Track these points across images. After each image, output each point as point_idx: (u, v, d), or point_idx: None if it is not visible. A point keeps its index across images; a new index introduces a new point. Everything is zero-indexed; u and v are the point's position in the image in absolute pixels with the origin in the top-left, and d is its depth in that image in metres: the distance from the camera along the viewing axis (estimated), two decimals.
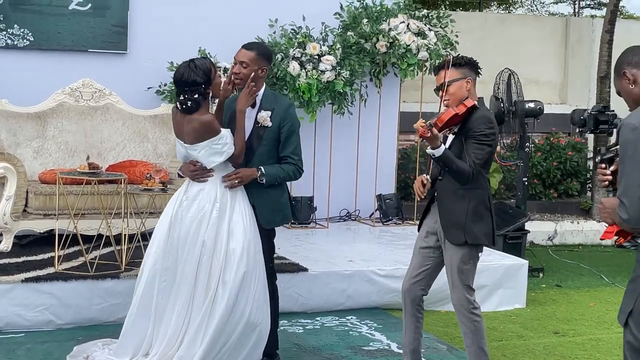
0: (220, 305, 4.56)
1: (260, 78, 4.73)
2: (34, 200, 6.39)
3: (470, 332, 4.63)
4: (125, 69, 7.60)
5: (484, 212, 4.60)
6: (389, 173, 8.62)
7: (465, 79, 4.59)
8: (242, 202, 4.70)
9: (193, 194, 4.69)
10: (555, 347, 5.85)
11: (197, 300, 4.62)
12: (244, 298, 4.61)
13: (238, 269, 4.57)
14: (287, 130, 4.74)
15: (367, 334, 5.88)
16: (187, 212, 4.67)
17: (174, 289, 4.68)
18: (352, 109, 8.04)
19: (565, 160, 10.22)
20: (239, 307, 4.59)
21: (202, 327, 4.58)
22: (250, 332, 4.67)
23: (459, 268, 4.57)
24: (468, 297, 4.60)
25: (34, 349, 5.23)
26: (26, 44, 7.37)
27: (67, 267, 5.92)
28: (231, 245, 4.59)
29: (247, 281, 4.60)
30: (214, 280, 4.59)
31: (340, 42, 7.87)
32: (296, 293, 6.22)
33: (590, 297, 7.28)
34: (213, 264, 4.59)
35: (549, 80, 10.89)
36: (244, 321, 4.62)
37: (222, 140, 4.60)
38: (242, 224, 4.63)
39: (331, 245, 7.22)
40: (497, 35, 10.51)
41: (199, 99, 4.58)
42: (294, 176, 4.80)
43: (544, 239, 9.67)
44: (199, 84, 4.56)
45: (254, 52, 4.69)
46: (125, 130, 7.23)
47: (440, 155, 4.40)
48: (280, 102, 4.80)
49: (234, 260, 4.58)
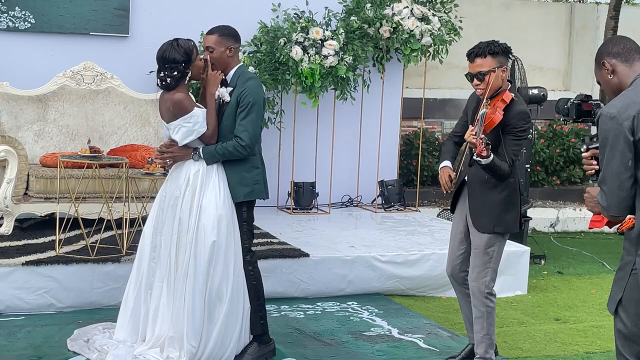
0: (196, 281, 4.61)
1: (230, 57, 4.78)
2: (35, 184, 6.37)
3: (481, 317, 4.70)
4: (127, 53, 7.57)
5: (515, 200, 4.67)
6: (392, 159, 8.60)
7: (502, 67, 4.56)
8: (217, 178, 4.72)
9: (176, 173, 4.78)
10: (556, 334, 5.84)
11: (176, 278, 4.68)
12: (219, 274, 4.62)
13: (206, 243, 4.61)
14: (241, 104, 4.71)
15: (368, 319, 5.87)
16: (169, 190, 4.76)
17: (158, 268, 4.73)
18: (355, 95, 8.01)
19: (568, 148, 10.19)
20: (214, 283, 4.62)
21: (182, 305, 4.62)
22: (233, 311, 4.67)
23: (484, 251, 4.65)
24: (486, 281, 4.67)
25: (34, 332, 5.24)
26: (27, 27, 7.33)
27: (68, 250, 5.92)
28: (202, 221, 4.64)
29: (219, 257, 4.62)
30: (185, 255, 4.64)
31: (343, 27, 7.83)
32: (297, 278, 6.22)
33: (592, 284, 7.27)
34: (183, 238, 4.65)
35: (553, 67, 10.85)
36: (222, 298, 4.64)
37: (193, 119, 4.65)
38: (215, 200, 4.67)
39: (333, 231, 7.21)
40: (501, 21, 10.46)
41: (177, 77, 4.65)
42: (235, 152, 4.68)
43: (546, 226, 9.65)
44: (179, 62, 4.63)
45: (215, 34, 4.77)
46: (127, 114, 7.21)
47: (488, 163, 4.43)
48: (241, 78, 4.79)
49: (203, 234, 4.63)
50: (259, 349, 4.88)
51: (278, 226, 7.18)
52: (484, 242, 4.65)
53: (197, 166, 4.70)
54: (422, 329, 5.72)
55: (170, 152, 4.75)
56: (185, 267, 4.63)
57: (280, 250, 6.28)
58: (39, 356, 4.86)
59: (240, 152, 4.69)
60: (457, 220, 4.85)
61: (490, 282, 4.69)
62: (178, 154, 4.74)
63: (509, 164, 4.51)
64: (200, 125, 4.66)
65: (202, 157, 4.70)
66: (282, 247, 6.38)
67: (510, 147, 4.53)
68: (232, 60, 4.81)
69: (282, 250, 6.29)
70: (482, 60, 4.53)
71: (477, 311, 4.72)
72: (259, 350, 4.88)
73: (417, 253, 6.54)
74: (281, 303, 6.02)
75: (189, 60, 4.66)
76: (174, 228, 4.69)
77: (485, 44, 4.57)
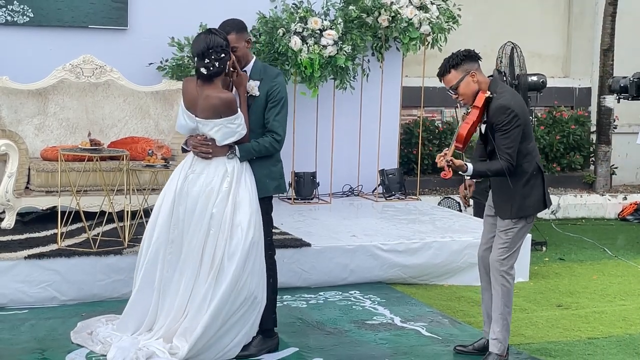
0: (227, 276, 4.60)
1: (248, 49, 4.83)
2: (36, 177, 6.38)
3: (497, 295, 4.77)
4: (126, 45, 7.56)
5: (535, 182, 4.77)
6: (392, 148, 8.60)
7: (469, 74, 4.68)
8: (248, 175, 4.73)
9: (200, 168, 4.73)
10: (558, 320, 5.85)
11: (202, 273, 4.68)
12: (249, 271, 4.64)
13: (246, 240, 4.61)
14: (273, 100, 4.74)
15: (371, 308, 5.89)
16: (194, 186, 4.70)
17: (180, 262, 4.72)
18: (354, 84, 8.00)
19: (569, 134, 10.18)
20: (242, 279, 4.63)
21: (206, 298, 4.62)
22: (253, 306, 4.69)
23: (505, 232, 4.76)
24: (504, 259, 4.76)
25: (38, 325, 5.25)
26: (26, 21, 7.33)
27: (70, 243, 5.93)
28: (238, 217, 4.64)
29: (252, 254, 4.63)
30: (219, 252, 4.63)
31: (341, 16, 7.82)
32: (299, 268, 6.23)
33: (593, 270, 7.28)
34: (219, 236, 4.63)
35: (552, 54, 10.82)
36: (248, 294, 4.65)
37: (238, 120, 4.64)
38: (248, 197, 4.68)
39: (334, 220, 7.22)
40: (500, 8, 10.43)
41: (225, 59, 4.60)
42: (272, 148, 4.74)
43: (547, 213, 9.64)
44: (223, 46, 4.59)
45: (233, 33, 4.74)
46: (127, 106, 7.21)
47: (472, 174, 4.64)
48: (268, 72, 4.82)
49: (241, 232, 4.63)
50: (263, 341, 4.90)
51: (279, 216, 7.15)
52: (505, 223, 4.78)
53: (232, 163, 4.69)
54: (425, 317, 5.74)
55: (209, 147, 4.70)
56: (218, 264, 4.61)
57: (282, 240, 6.29)
58: (43, 349, 4.87)
59: (276, 147, 4.75)
60: (488, 207, 4.98)
61: (508, 261, 4.77)
62: (216, 149, 4.70)
63: (506, 159, 4.60)
64: (242, 128, 4.66)
65: (238, 155, 4.69)
66: (284, 237, 6.39)
67: (500, 142, 4.63)
68: (250, 52, 4.85)
69: (283, 240, 6.30)
70: (448, 77, 4.72)
71: (494, 289, 4.81)
72: (264, 342, 4.90)
73: (418, 241, 6.55)
74: (283, 293, 6.03)
75: (229, 46, 4.64)
76: (204, 224, 4.65)
77: (445, 60, 4.75)
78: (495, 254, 4.79)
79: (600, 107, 10.15)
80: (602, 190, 10.08)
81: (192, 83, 4.74)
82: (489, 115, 4.67)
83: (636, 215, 9.68)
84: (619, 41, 10.03)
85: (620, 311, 6.12)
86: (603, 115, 10.11)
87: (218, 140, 4.66)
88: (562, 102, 10.59)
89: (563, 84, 10.65)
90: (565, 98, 10.66)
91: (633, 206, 9.79)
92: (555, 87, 10.25)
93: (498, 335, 4.79)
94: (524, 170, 4.72)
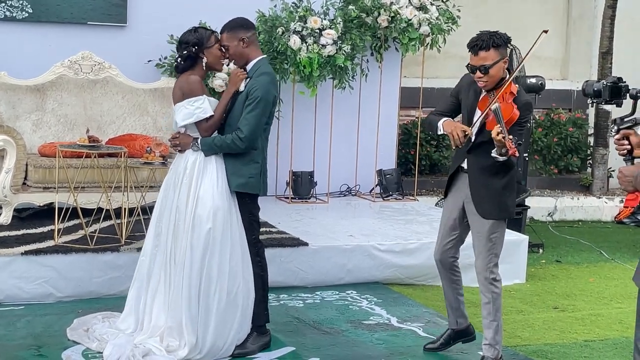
0: (192, 269, 4.62)
1: (246, 48, 4.80)
2: (34, 173, 6.37)
3: (488, 303, 4.74)
4: (125, 42, 7.55)
5: (514, 186, 4.74)
6: (390, 148, 8.60)
7: (504, 59, 4.56)
8: (215, 169, 4.73)
9: (175, 163, 4.83)
10: (554, 322, 5.86)
11: (172, 267, 4.69)
12: (215, 264, 4.63)
13: (201, 233, 4.63)
14: (249, 97, 4.72)
15: (367, 308, 5.89)
16: (169, 180, 4.80)
17: (158, 255, 4.76)
18: (353, 84, 8.00)
19: (566, 137, 10.20)
20: (209, 272, 4.63)
21: (179, 293, 4.64)
22: (234, 303, 4.68)
23: (488, 237, 4.69)
24: (492, 267, 4.71)
25: (34, 322, 5.24)
26: (25, 16, 7.31)
27: (67, 240, 5.92)
28: (198, 210, 4.65)
29: (215, 247, 4.62)
30: (182, 244, 4.65)
31: (341, 16, 7.81)
32: (296, 267, 6.23)
33: (590, 273, 7.29)
34: (181, 227, 4.67)
35: (551, 56, 10.83)
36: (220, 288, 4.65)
37: (197, 102, 4.68)
38: (211, 190, 4.68)
39: (331, 220, 7.22)
40: (500, 10, 10.44)
41: (185, 56, 4.73)
42: (233, 145, 4.68)
43: (544, 215, 9.67)
44: (189, 44, 4.72)
45: (224, 32, 4.82)
46: (125, 103, 7.21)
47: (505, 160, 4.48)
48: (258, 71, 4.79)
49: (200, 225, 4.64)
50: (258, 338, 4.90)
51: (277, 215, 7.18)
52: (487, 228, 4.68)
53: (195, 156, 4.72)
54: (421, 317, 5.74)
55: (177, 139, 4.79)
56: (182, 256, 4.65)
57: (279, 240, 6.28)
58: (39, 345, 4.87)
59: (238, 145, 4.67)
60: (451, 206, 4.87)
61: (494, 268, 4.73)
62: (182, 141, 4.77)
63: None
64: (202, 111, 4.67)
65: (200, 147, 4.70)
66: (281, 236, 6.39)
67: (515, 135, 4.51)
68: (250, 51, 4.82)
69: (280, 240, 6.30)
70: (485, 54, 4.49)
71: (484, 297, 4.76)
72: (259, 339, 4.90)
73: (415, 242, 6.56)
74: (280, 292, 6.03)
75: (201, 44, 4.72)
76: (172, 216, 4.72)
77: (487, 35, 4.53)
78: (483, 263, 4.71)
79: (598, 110, 10.16)
80: (599, 193, 10.10)
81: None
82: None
83: (633, 218, 9.70)
84: (618, 44, 10.04)
85: (616, 314, 6.13)
86: (601, 118, 10.12)
87: (177, 122, 4.73)
88: (560, 104, 10.61)
89: (561, 87, 10.66)
90: (564, 100, 10.68)
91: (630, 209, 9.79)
92: (553, 90, 10.26)
93: (491, 340, 4.77)
94: (508, 170, 4.65)
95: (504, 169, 4.62)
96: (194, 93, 4.68)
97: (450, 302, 5.01)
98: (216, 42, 4.77)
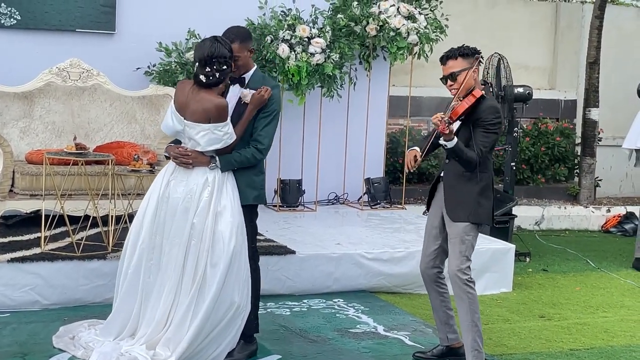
0: (211, 287, 4.57)
1: (250, 58, 4.82)
2: (21, 181, 6.35)
3: (464, 305, 4.76)
4: (113, 50, 7.54)
5: (488, 195, 4.83)
6: (378, 157, 8.62)
7: (472, 68, 4.76)
8: (230, 184, 4.70)
9: (181, 176, 4.69)
10: (540, 331, 5.87)
11: (185, 283, 4.63)
12: (232, 280, 4.62)
13: (228, 250, 4.58)
14: (265, 110, 4.73)
15: (354, 316, 5.89)
16: (175, 193, 4.67)
17: (161, 269, 4.69)
18: (342, 92, 8.01)
19: (553, 146, 10.24)
20: (227, 290, 4.60)
21: (190, 309, 4.58)
22: (236, 315, 4.68)
23: (461, 238, 4.76)
24: (464, 268, 4.76)
25: (20, 329, 5.22)
26: (13, 23, 7.30)
27: (54, 247, 5.90)
28: (219, 227, 4.60)
29: (234, 263, 4.61)
30: (202, 262, 4.59)
31: (330, 24, 7.84)
32: (284, 275, 6.22)
33: (576, 282, 7.32)
34: (201, 246, 4.60)
35: (538, 66, 10.88)
36: (231, 302, 4.63)
37: (226, 128, 4.61)
38: (230, 207, 4.64)
39: (319, 228, 7.22)
40: (487, 19, 10.49)
41: (227, 71, 4.61)
42: (253, 159, 4.72)
43: (531, 224, 9.70)
44: (227, 57, 4.57)
45: (236, 43, 4.71)
46: (113, 111, 7.20)
47: (453, 146, 4.63)
48: (267, 83, 4.81)
49: (223, 243, 4.59)
50: (245, 347, 4.90)
51: (264, 223, 7.15)
52: (459, 230, 4.78)
53: (213, 173, 4.66)
54: (408, 326, 5.74)
55: (189, 157, 4.66)
56: (201, 274, 4.57)
57: (266, 248, 6.28)
58: (24, 353, 4.84)
59: (257, 158, 4.73)
60: (432, 215, 4.99)
61: (467, 269, 4.79)
62: (197, 160, 4.67)
63: (478, 154, 4.67)
64: (229, 137, 4.62)
65: (219, 166, 4.66)
66: (269, 244, 6.39)
67: (479, 138, 4.72)
68: (251, 61, 4.85)
69: (268, 248, 6.29)
70: (453, 62, 4.77)
71: (458, 300, 4.79)
72: (246, 348, 4.90)
73: (403, 250, 6.57)
74: (267, 300, 6.03)
75: (232, 57, 4.62)
76: (185, 234, 4.61)
77: (455, 48, 4.82)
78: (455, 265, 4.77)
79: (585, 119, 10.22)
80: (586, 202, 10.14)
81: (187, 85, 4.71)
82: (477, 110, 4.72)
83: (619, 228, 9.73)
84: (605, 54, 10.10)
85: (602, 323, 6.15)
86: (588, 127, 10.17)
87: (202, 146, 4.62)
88: (548, 113, 10.66)
89: (549, 96, 10.72)
90: (551, 110, 10.72)
91: (617, 219, 9.85)
92: (541, 99, 10.31)
93: (474, 345, 4.78)
94: (481, 178, 4.77)
95: (477, 175, 4.73)
96: (223, 119, 4.59)
97: (439, 317, 5.03)
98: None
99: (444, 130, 4.53)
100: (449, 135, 4.59)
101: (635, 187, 10.78)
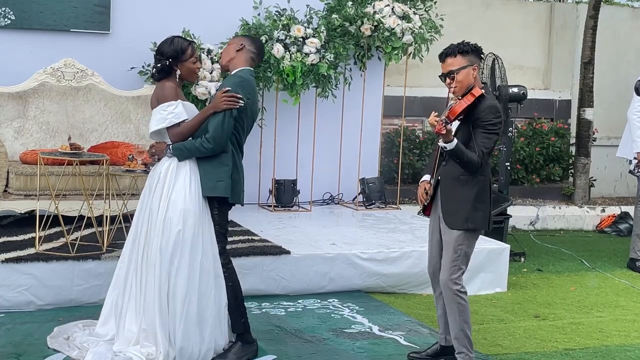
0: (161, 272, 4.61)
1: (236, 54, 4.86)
2: (15, 181, 6.34)
3: (453, 314, 4.73)
4: (107, 50, 7.54)
5: (485, 199, 4.71)
6: (373, 157, 8.62)
7: (472, 66, 4.64)
8: (188, 173, 4.72)
9: (152, 169, 4.86)
10: (535, 331, 5.88)
11: (143, 270, 4.70)
12: (183, 267, 4.62)
13: (171, 235, 4.62)
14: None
15: (349, 316, 5.89)
16: (146, 186, 4.83)
17: (133, 259, 4.77)
18: (336, 92, 8.01)
19: (548, 146, 10.26)
20: (178, 276, 4.61)
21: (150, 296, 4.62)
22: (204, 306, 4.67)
23: (454, 248, 4.69)
24: (455, 279, 4.70)
25: (14, 330, 5.21)
26: (7, 23, 7.29)
27: (48, 247, 5.89)
28: (169, 213, 4.65)
29: (183, 248, 4.62)
30: (153, 247, 4.66)
31: (324, 24, 7.83)
32: (278, 276, 6.22)
33: (571, 282, 7.33)
34: (153, 232, 4.67)
35: (533, 66, 10.91)
36: (188, 290, 4.62)
37: (171, 107, 4.68)
38: (183, 194, 4.68)
39: (314, 229, 7.22)
40: (482, 20, 10.51)
41: (159, 69, 4.74)
42: (202, 147, 4.69)
43: (526, 224, 9.71)
44: (165, 56, 4.73)
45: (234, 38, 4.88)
46: (108, 111, 7.19)
47: (453, 148, 4.51)
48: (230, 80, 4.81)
49: (169, 227, 4.64)
50: (242, 348, 4.87)
51: (259, 223, 7.18)
52: (453, 238, 4.69)
53: (169, 161, 4.73)
54: (403, 326, 5.74)
55: (153, 147, 4.82)
56: (153, 259, 4.64)
57: (261, 248, 6.28)
58: (19, 354, 4.84)
59: (206, 147, 4.68)
60: (433, 219, 4.89)
61: (458, 280, 4.72)
62: (158, 148, 4.79)
63: (479, 155, 4.57)
64: (174, 116, 4.69)
65: (172, 152, 4.72)
66: (264, 245, 6.39)
67: (480, 139, 4.59)
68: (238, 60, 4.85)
69: (263, 248, 6.29)
70: (452, 60, 4.64)
71: (449, 308, 4.76)
72: (242, 350, 4.87)
73: (397, 250, 6.57)
74: (262, 300, 6.03)
75: (177, 57, 4.73)
76: (144, 220, 4.73)
77: (454, 45, 4.69)
78: (447, 274, 4.71)
79: (579, 119, 10.24)
80: (581, 202, 10.15)
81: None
82: (476, 110, 4.60)
83: (614, 228, 9.75)
84: (599, 54, 10.12)
85: (597, 323, 6.16)
86: (582, 127, 10.19)
87: (150, 127, 4.75)
88: (542, 114, 10.68)
89: (543, 96, 10.73)
90: (546, 110, 10.75)
91: (611, 218, 9.86)
92: (535, 99, 10.33)
93: (463, 350, 4.76)
94: (477, 181, 4.67)
95: (474, 179, 4.65)
96: (167, 99, 4.69)
97: (441, 316, 5.00)
98: (192, 54, 4.78)
99: (441, 130, 4.41)
100: (448, 136, 4.48)
101: (629, 187, 10.80)
